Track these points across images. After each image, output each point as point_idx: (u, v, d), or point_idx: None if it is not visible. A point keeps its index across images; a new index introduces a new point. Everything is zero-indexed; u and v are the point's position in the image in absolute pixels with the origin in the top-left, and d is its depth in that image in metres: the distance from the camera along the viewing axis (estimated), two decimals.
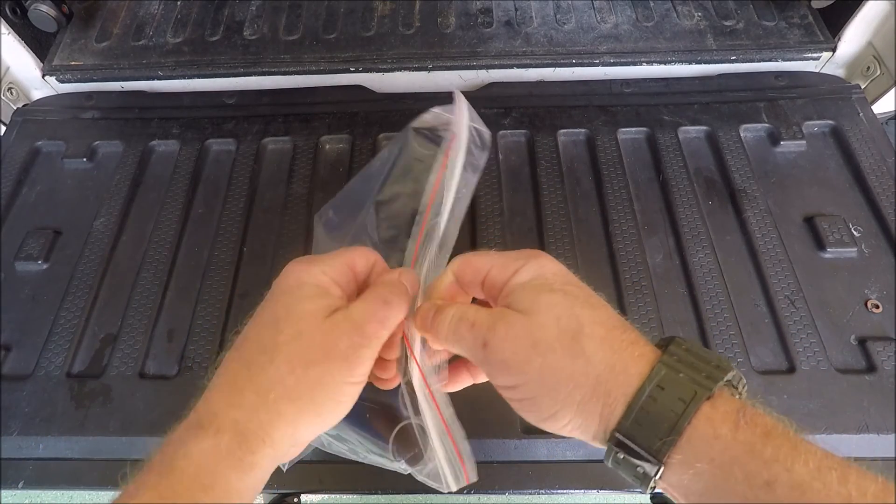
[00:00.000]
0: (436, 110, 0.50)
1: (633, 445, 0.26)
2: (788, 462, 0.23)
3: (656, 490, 0.28)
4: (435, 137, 0.51)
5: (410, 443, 0.41)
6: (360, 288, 0.37)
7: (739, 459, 0.24)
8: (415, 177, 0.49)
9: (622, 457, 0.27)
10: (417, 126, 0.52)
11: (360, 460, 0.44)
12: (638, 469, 0.27)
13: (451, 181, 0.42)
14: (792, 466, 0.23)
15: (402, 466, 0.42)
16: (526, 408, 0.31)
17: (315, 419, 0.32)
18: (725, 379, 0.27)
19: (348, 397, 0.32)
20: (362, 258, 0.36)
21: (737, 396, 0.27)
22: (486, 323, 0.31)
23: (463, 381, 0.38)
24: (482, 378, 0.37)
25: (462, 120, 0.44)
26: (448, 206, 0.41)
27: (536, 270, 0.32)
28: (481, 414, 0.55)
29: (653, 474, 0.26)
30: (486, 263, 0.33)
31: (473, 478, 0.37)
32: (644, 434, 0.26)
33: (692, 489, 0.25)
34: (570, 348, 0.28)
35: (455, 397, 0.56)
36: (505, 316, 0.30)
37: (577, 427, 0.29)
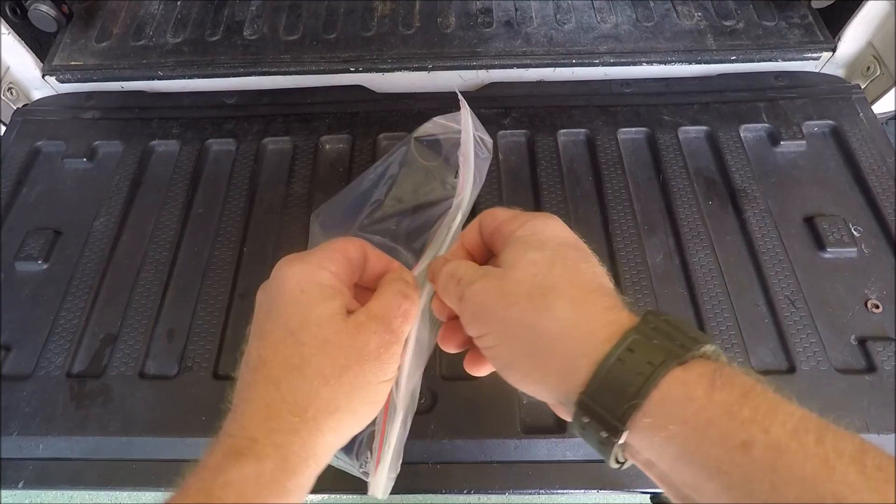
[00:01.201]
0: (438, 119, 0.51)
1: (597, 408, 0.26)
2: (766, 422, 0.23)
3: (651, 490, 0.27)
4: (436, 146, 0.51)
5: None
6: (356, 276, 0.36)
7: (715, 421, 0.23)
8: (415, 185, 0.49)
9: (587, 421, 0.26)
10: (419, 135, 0.52)
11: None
12: (602, 434, 0.26)
13: (466, 191, 0.43)
14: (769, 427, 0.22)
15: (360, 471, 0.41)
16: (492, 358, 0.32)
17: (354, 423, 0.32)
18: (702, 349, 0.26)
19: (382, 395, 0.32)
20: (352, 246, 0.36)
21: (724, 365, 0.26)
22: (468, 278, 0.32)
23: (480, 365, 0.37)
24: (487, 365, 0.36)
25: (468, 130, 0.45)
26: (461, 212, 0.42)
27: (535, 228, 0.32)
28: (481, 414, 0.55)
29: (616, 439, 0.25)
30: (503, 215, 0.35)
31: (380, 495, 0.37)
32: (609, 397, 0.25)
33: (664, 454, 0.24)
34: (536, 303, 0.28)
35: (456, 398, 0.56)
36: (486, 273, 0.31)
37: (541, 387, 0.29)
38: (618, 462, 0.27)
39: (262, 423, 0.29)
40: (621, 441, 0.25)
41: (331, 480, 0.55)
